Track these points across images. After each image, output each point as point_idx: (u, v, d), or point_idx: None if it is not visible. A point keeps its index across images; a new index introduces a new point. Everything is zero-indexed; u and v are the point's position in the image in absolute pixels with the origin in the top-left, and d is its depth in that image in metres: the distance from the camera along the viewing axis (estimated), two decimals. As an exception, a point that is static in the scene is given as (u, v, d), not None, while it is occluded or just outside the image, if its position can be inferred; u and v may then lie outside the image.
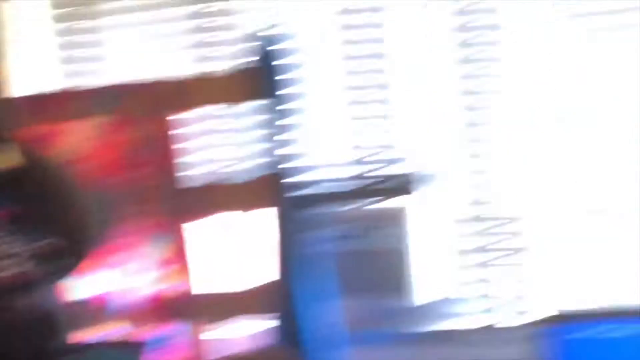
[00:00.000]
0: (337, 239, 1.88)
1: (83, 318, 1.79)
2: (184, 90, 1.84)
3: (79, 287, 1.81)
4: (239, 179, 1.98)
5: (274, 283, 1.76)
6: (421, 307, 1.91)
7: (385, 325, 1.93)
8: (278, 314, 1.76)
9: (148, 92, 1.87)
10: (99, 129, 1.90)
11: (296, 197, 1.75)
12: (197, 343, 1.82)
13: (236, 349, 1.83)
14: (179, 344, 1.82)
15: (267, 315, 1.83)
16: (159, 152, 1.85)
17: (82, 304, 1.82)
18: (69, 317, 1.43)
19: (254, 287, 1.87)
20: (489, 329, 1.92)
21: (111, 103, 1.90)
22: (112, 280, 1.87)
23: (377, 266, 1.88)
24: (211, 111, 2.06)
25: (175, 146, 1.85)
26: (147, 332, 1.81)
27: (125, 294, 1.85)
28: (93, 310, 1.82)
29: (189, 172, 1.87)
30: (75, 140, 1.91)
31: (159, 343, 1.80)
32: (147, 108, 1.86)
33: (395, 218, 1.91)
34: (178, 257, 1.84)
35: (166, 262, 1.84)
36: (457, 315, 1.95)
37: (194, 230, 1.84)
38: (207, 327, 1.84)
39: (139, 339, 1.75)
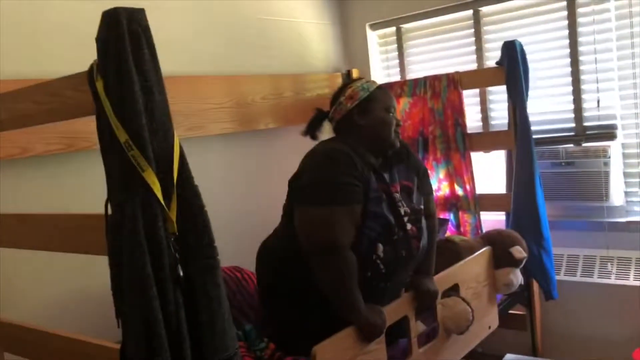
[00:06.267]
0: (561, 165, 2.91)
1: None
2: (459, 79, 2.97)
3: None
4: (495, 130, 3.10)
5: (515, 191, 2.71)
6: (613, 207, 2.84)
7: (587, 217, 2.93)
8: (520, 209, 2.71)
9: (434, 82, 3.04)
10: (407, 105, 3.20)
11: (532, 138, 2.68)
12: (463, 224, 3.06)
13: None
14: (452, 224, 3.08)
15: (505, 211, 2.87)
16: (440, 117, 3.04)
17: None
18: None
19: (499, 193, 2.95)
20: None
21: (413, 89, 3.13)
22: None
23: (585, 181, 2.87)
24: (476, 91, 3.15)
25: (449, 113, 3.00)
26: (441, 215, 3.09)
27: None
28: None
29: (460, 127, 2.97)
30: (399, 110, 3.24)
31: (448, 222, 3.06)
32: (433, 91, 3.04)
33: (601, 152, 2.85)
34: (447, 177, 3.07)
35: (441, 180, 3.10)
36: (638, 212, 2.82)
37: (461, 161, 3.00)
38: (467, 216, 3.02)
39: (444, 217, 3.04)
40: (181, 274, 1.21)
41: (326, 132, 2.00)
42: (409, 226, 1.84)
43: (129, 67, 1.16)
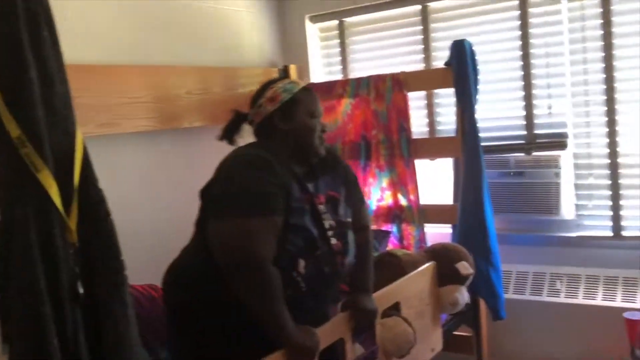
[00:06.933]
0: (510, 174, 3.01)
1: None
2: (404, 81, 3.01)
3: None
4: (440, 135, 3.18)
5: (461, 202, 2.77)
6: (563, 221, 2.97)
7: (535, 231, 3.04)
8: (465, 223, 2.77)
9: (378, 82, 3.08)
10: (349, 106, 3.23)
11: (480, 146, 2.74)
12: (406, 237, 3.10)
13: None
14: (394, 237, 3.12)
15: (451, 224, 2.95)
16: (384, 120, 3.08)
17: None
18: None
19: (444, 204, 3.03)
20: (615, 237, 2.89)
21: (355, 90, 3.16)
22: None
23: (535, 193, 2.97)
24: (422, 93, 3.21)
25: (393, 116, 3.03)
26: (383, 227, 3.14)
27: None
28: None
29: (405, 132, 3.01)
30: (340, 112, 3.27)
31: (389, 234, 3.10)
32: (376, 93, 3.08)
33: (552, 162, 2.96)
34: (391, 186, 3.12)
35: (384, 189, 3.14)
36: (589, 227, 2.96)
37: (405, 169, 3.05)
38: (410, 228, 3.07)
39: (386, 230, 3.08)
40: (81, 291, 1.16)
41: (247, 136, 1.99)
42: (333, 241, 1.85)
43: (24, 51, 1.10)
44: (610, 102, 2.84)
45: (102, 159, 1.51)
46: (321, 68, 3.56)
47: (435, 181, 3.27)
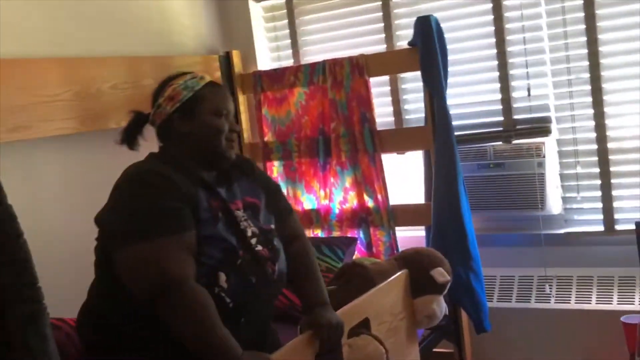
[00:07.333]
0: (489, 166, 3.05)
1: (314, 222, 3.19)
2: (364, 64, 3.03)
3: (309, 201, 3.23)
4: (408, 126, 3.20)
5: (435, 200, 2.81)
6: (550, 216, 3.02)
7: (519, 230, 3.08)
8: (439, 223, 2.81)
9: (334, 68, 3.08)
10: (303, 96, 3.24)
11: (453, 136, 2.78)
12: (375, 243, 3.12)
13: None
14: (361, 244, 3.14)
15: (425, 225, 2.99)
16: (344, 111, 3.10)
17: (314, 212, 3.23)
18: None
19: (416, 203, 3.07)
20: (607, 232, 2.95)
21: (309, 77, 3.17)
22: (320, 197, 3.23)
23: (517, 186, 3.02)
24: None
25: (354, 106, 3.07)
26: (349, 233, 3.15)
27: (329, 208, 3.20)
28: (322, 217, 3.20)
29: (368, 123, 3.04)
30: (292, 103, 3.27)
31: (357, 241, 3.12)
32: (333, 79, 3.09)
33: (534, 150, 3.01)
34: (355, 186, 3.14)
35: (347, 189, 3.16)
36: (579, 222, 3.03)
37: (370, 166, 3.08)
38: (379, 233, 3.10)
39: (352, 236, 3.09)
40: (-9, 325, 1.13)
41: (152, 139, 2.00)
42: (258, 247, 1.88)
43: None
44: (595, 80, 2.90)
45: (14, 168, 1.47)
46: (268, 53, 3.56)
47: (405, 178, 3.30)
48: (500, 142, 3.07)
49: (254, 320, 1.86)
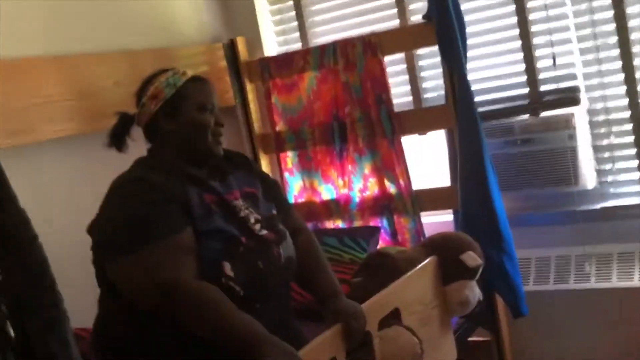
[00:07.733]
0: (516, 143, 3.06)
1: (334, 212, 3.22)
2: (377, 43, 3.04)
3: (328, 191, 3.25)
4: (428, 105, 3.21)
5: (461, 182, 2.82)
6: (585, 191, 3.02)
7: (552, 208, 3.09)
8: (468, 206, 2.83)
9: (346, 48, 3.09)
10: (314, 81, 3.25)
11: (477, 113, 2.78)
12: (400, 231, 3.13)
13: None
14: (386, 232, 3.16)
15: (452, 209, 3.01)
16: (359, 94, 3.11)
17: (333, 202, 3.25)
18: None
19: (442, 187, 3.09)
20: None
21: (320, 60, 3.17)
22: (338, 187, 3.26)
23: (547, 162, 3.02)
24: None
25: (369, 87, 3.07)
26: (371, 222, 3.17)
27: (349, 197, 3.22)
28: (342, 207, 3.22)
29: (384, 105, 3.05)
30: (303, 89, 3.29)
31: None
32: (346, 61, 3.10)
33: (564, 122, 3.02)
34: (375, 172, 3.15)
35: (367, 176, 3.18)
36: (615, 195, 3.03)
37: (390, 150, 3.09)
38: (404, 220, 3.12)
39: (375, 225, 3.11)
40: (12, 333, 1.17)
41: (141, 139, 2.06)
42: (263, 232, 1.94)
43: None
44: (624, 44, 2.89)
45: (18, 174, 1.49)
46: (274, 38, 3.58)
47: (428, 160, 3.31)
48: (527, 116, 3.07)
49: (269, 308, 1.90)
